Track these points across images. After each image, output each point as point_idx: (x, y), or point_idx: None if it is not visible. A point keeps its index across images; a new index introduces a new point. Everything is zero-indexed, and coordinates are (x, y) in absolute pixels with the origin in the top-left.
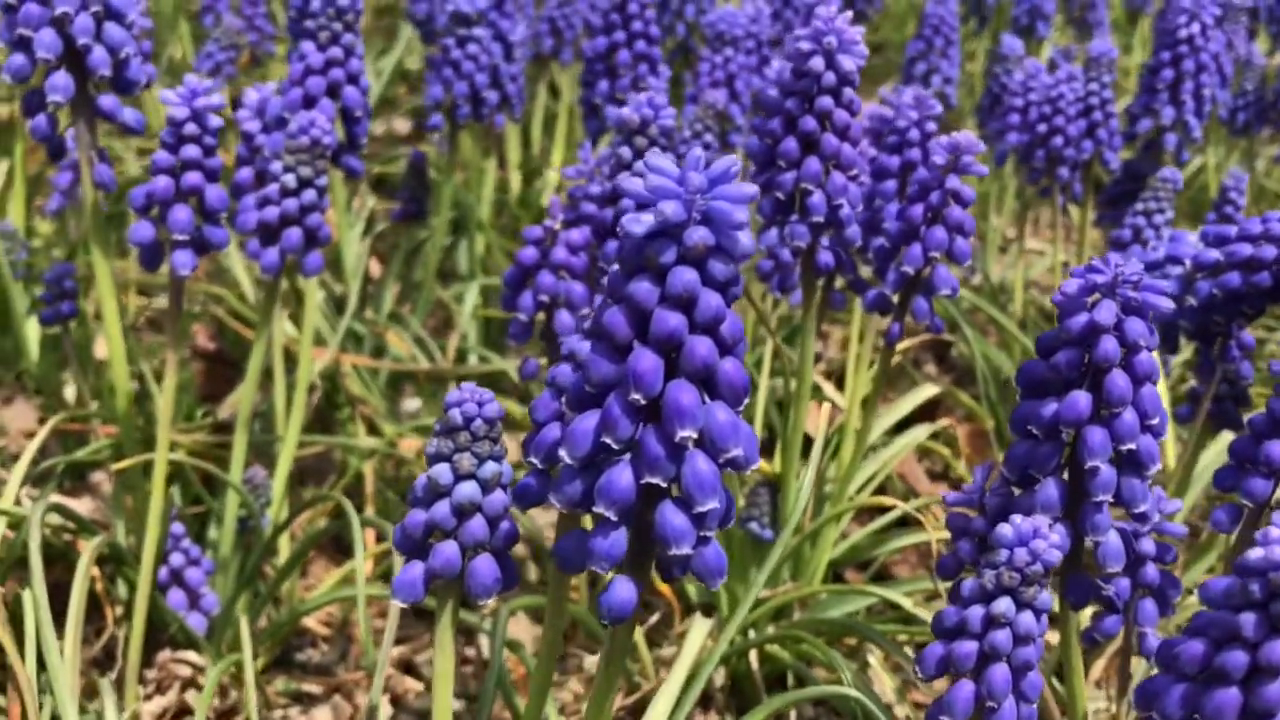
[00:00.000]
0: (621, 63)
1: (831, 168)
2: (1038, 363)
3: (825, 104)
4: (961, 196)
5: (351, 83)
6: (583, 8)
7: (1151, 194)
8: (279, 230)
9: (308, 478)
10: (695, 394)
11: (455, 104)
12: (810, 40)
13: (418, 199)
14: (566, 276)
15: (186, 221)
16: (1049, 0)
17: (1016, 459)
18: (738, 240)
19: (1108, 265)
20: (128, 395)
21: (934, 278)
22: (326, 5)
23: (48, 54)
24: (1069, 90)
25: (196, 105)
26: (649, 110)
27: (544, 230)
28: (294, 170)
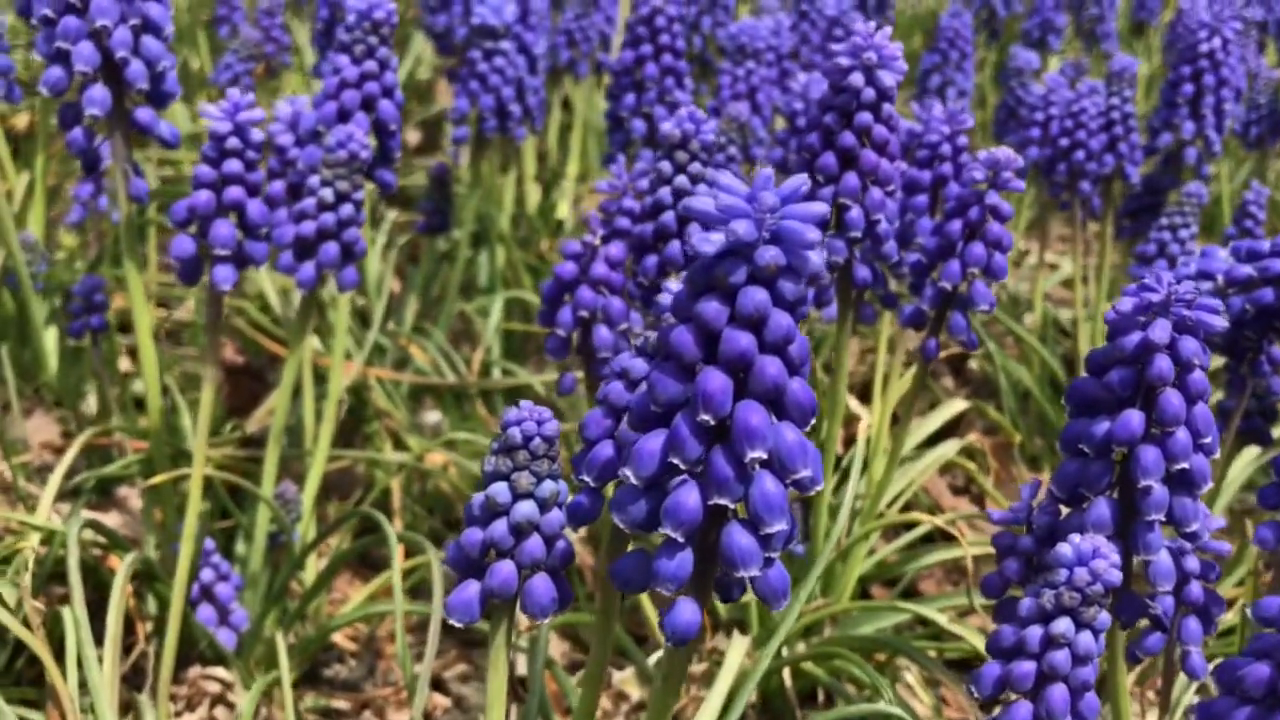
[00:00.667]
0: (648, 76)
1: (869, 183)
2: (1088, 380)
3: (864, 119)
4: (1000, 212)
5: (386, 96)
6: (599, 20)
7: (1176, 209)
8: (316, 245)
9: (332, 491)
10: (765, 414)
11: (481, 117)
12: (849, 56)
13: (441, 211)
14: (605, 292)
15: (228, 236)
16: (1060, 14)
17: (1067, 477)
18: (808, 260)
19: (1160, 283)
20: (159, 410)
21: (972, 293)
22: (361, 19)
23: (86, 67)
24: (1091, 104)
25: (239, 119)
26: (690, 125)
27: (583, 245)
28: (331, 185)
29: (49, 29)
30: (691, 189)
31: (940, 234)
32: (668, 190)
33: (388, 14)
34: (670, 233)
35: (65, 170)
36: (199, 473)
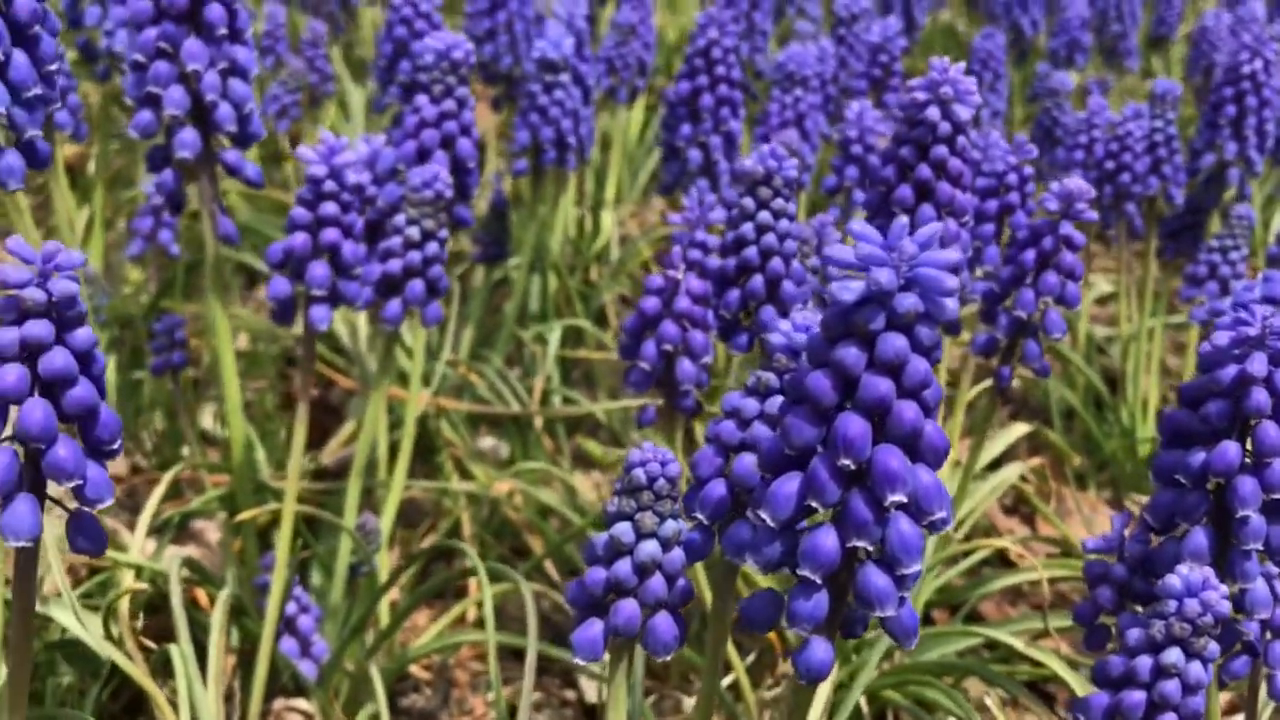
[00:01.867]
0: (704, 107)
1: (945, 214)
2: (1182, 412)
3: (940, 153)
4: (1073, 242)
5: (464, 135)
6: (637, 48)
7: (1226, 231)
8: (403, 282)
9: (400, 519)
10: (903, 458)
11: (540, 149)
12: (925, 90)
13: (499, 241)
14: (688, 325)
15: (324, 277)
16: (1086, 33)
17: (1161, 507)
18: (945, 306)
19: (1254, 316)
20: (243, 445)
21: (1045, 322)
22: (440, 58)
23: (176, 110)
24: (1136, 128)
25: (335, 163)
26: (773, 162)
27: (665, 280)
28: (417, 223)
29: (139, 74)
30: (774, 224)
31: (1014, 263)
32: (751, 226)
33: (466, 54)
34: (753, 267)
35: (121, 200)
36: (290, 509)
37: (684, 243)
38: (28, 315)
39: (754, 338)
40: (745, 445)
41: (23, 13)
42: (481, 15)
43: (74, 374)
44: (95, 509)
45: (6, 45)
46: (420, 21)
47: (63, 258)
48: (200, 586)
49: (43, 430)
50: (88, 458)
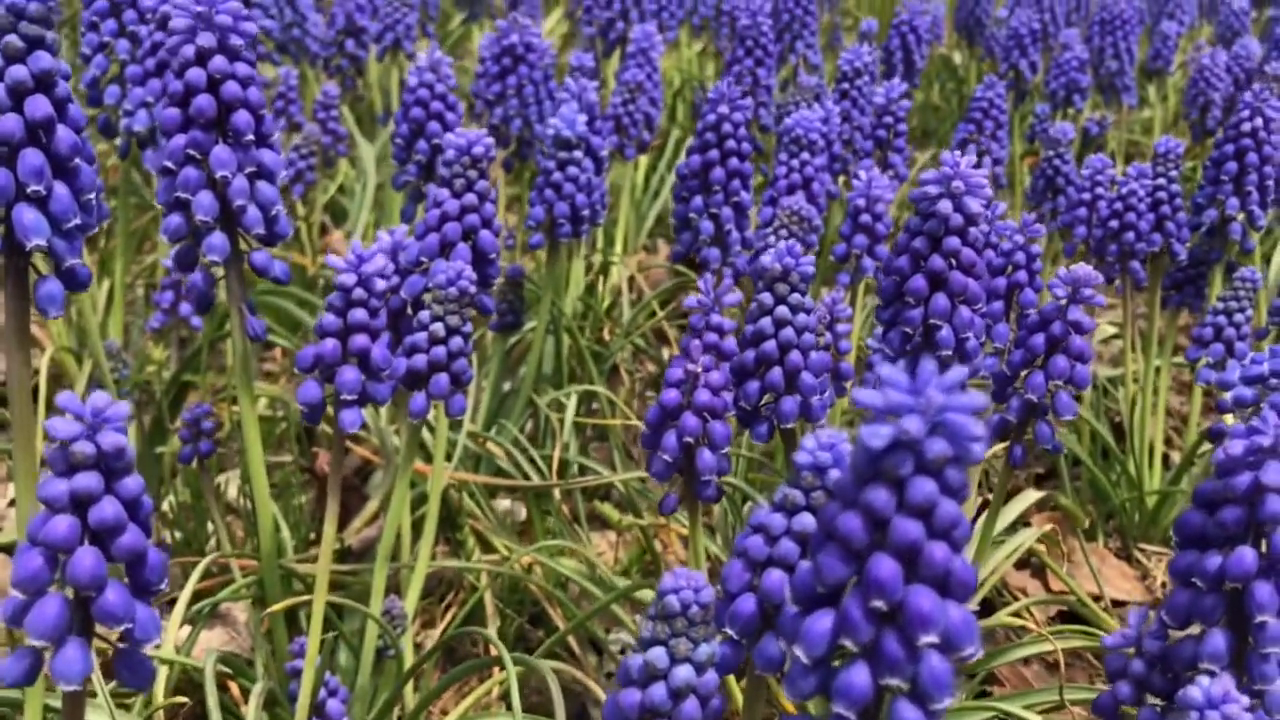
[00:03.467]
0: (715, 180)
1: (958, 303)
2: (1197, 514)
3: (953, 244)
4: (1082, 327)
5: (486, 227)
6: (643, 104)
7: (1231, 293)
8: (428, 377)
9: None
10: (935, 599)
11: (555, 223)
12: (937, 184)
13: (515, 311)
14: (708, 416)
15: (355, 382)
16: (1084, 74)
17: (1179, 608)
18: (973, 450)
19: (1267, 425)
20: (271, 535)
21: (1056, 404)
22: (461, 154)
23: (206, 216)
24: (1140, 187)
25: (363, 271)
26: (790, 259)
27: (685, 372)
28: (442, 319)
29: (168, 179)
30: (792, 319)
31: (1023, 347)
32: (769, 320)
33: (486, 149)
34: (772, 360)
35: (140, 269)
36: (320, 605)
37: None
38: (77, 468)
39: (773, 427)
40: (773, 561)
41: (64, 146)
42: (492, 79)
43: (123, 523)
44: (143, 649)
45: (48, 179)
46: (436, 103)
47: (111, 410)
48: (233, 680)
49: (93, 578)
50: (135, 598)
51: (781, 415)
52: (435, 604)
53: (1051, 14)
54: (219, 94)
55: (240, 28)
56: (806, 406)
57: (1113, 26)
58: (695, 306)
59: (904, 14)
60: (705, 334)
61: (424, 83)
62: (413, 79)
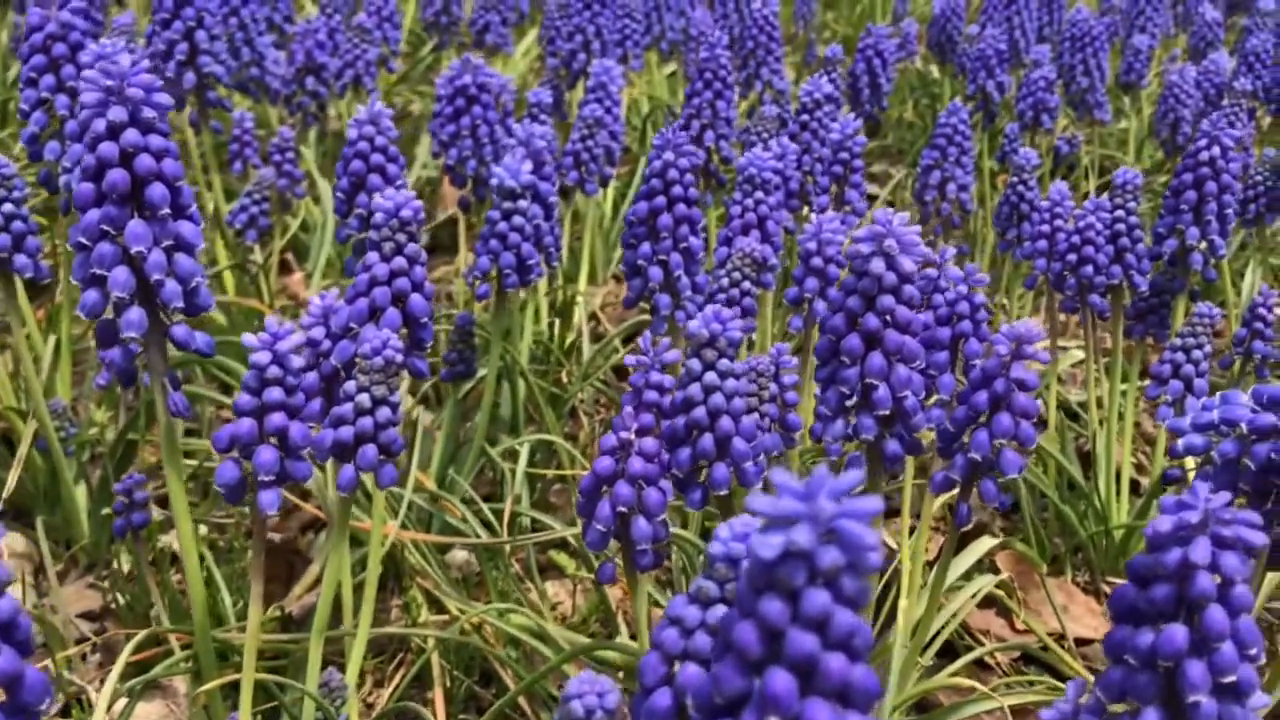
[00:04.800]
0: (662, 226)
1: (895, 361)
2: (1130, 589)
3: (887, 303)
4: (1026, 384)
5: (417, 290)
6: (604, 138)
7: (1189, 329)
8: (355, 449)
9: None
10: (832, 712)
11: (501, 273)
12: (870, 243)
13: (466, 360)
14: (642, 485)
15: (272, 462)
16: (1052, 94)
17: (1112, 685)
18: (868, 559)
19: (1197, 498)
20: (203, 609)
21: (1001, 462)
22: (389, 217)
23: (122, 292)
24: (1098, 220)
25: (278, 349)
26: (717, 325)
27: (619, 441)
28: (368, 390)
29: (84, 255)
30: (721, 384)
31: (966, 404)
32: (698, 387)
33: (415, 212)
34: (702, 426)
35: (89, 324)
36: (248, 681)
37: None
38: None
39: (707, 494)
40: (689, 654)
41: None
42: (446, 119)
43: None
44: None
45: None
46: (377, 156)
47: None
48: None
49: None
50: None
51: (714, 483)
52: (387, 661)
53: (1022, 30)
54: (132, 168)
55: (153, 100)
56: (740, 473)
57: (1083, 43)
58: (635, 365)
59: (869, 38)
60: (645, 392)
61: (363, 135)
62: (352, 132)
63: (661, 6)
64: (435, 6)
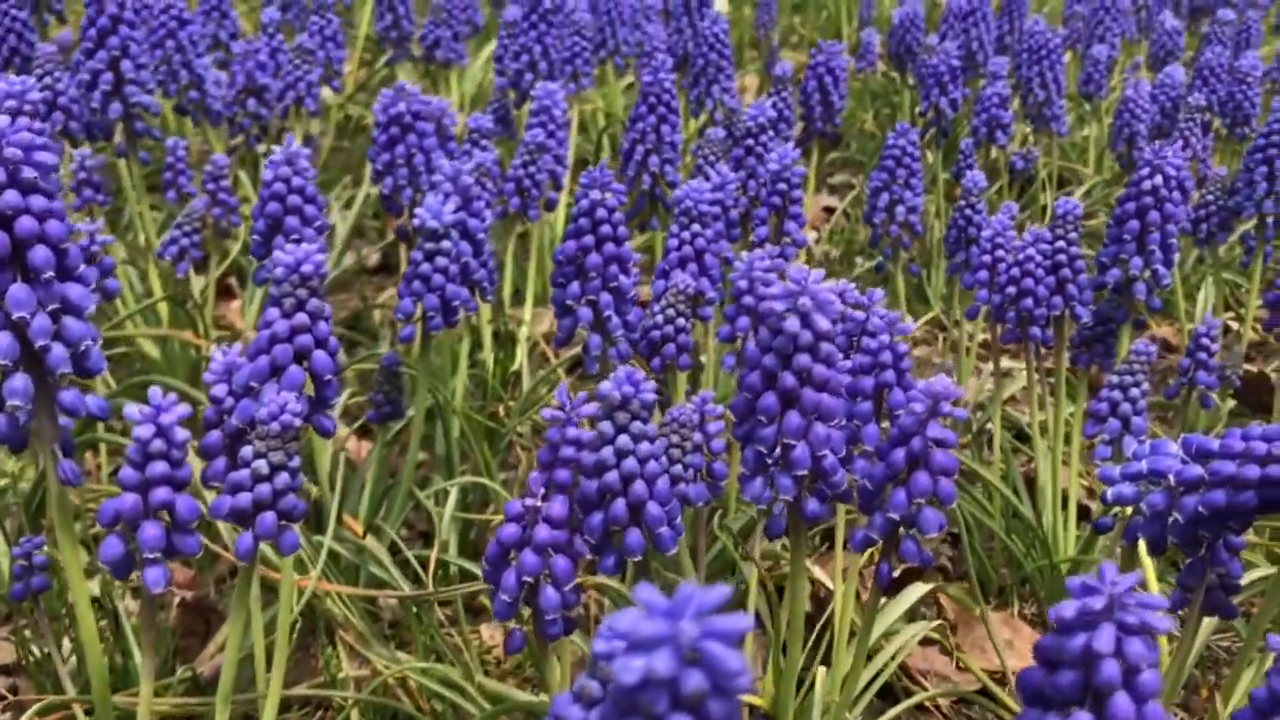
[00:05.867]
0: (591, 266)
1: (813, 420)
2: (1038, 672)
3: (803, 362)
4: (944, 442)
5: (320, 347)
6: (548, 161)
7: (1126, 367)
8: (253, 516)
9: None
10: None
11: (425, 315)
12: (784, 301)
13: (393, 401)
14: (550, 552)
15: (157, 538)
16: (1007, 111)
17: None
18: (735, 683)
19: (1104, 582)
20: (102, 678)
21: (920, 520)
22: (290, 272)
23: (4, 360)
24: (1037, 251)
25: (162, 422)
26: (629, 388)
27: (524, 507)
28: (265, 456)
29: None
30: (634, 448)
31: (884, 462)
32: (610, 451)
33: (316, 267)
34: (615, 491)
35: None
36: None
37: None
38: None
39: (621, 560)
40: None
41: None
42: (381, 148)
43: None
44: None
45: None
46: (294, 197)
47: None
48: None
49: None
50: None
51: (627, 549)
52: (310, 715)
53: (980, 42)
54: (13, 231)
55: (34, 159)
56: (656, 539)
57: (1039, 56)
58: (550, 419)
59: (821, 55)
60: (562, 448)
61: (279, 177)
62: (268, 173)
63: (615, 21)
64: (386, 21)
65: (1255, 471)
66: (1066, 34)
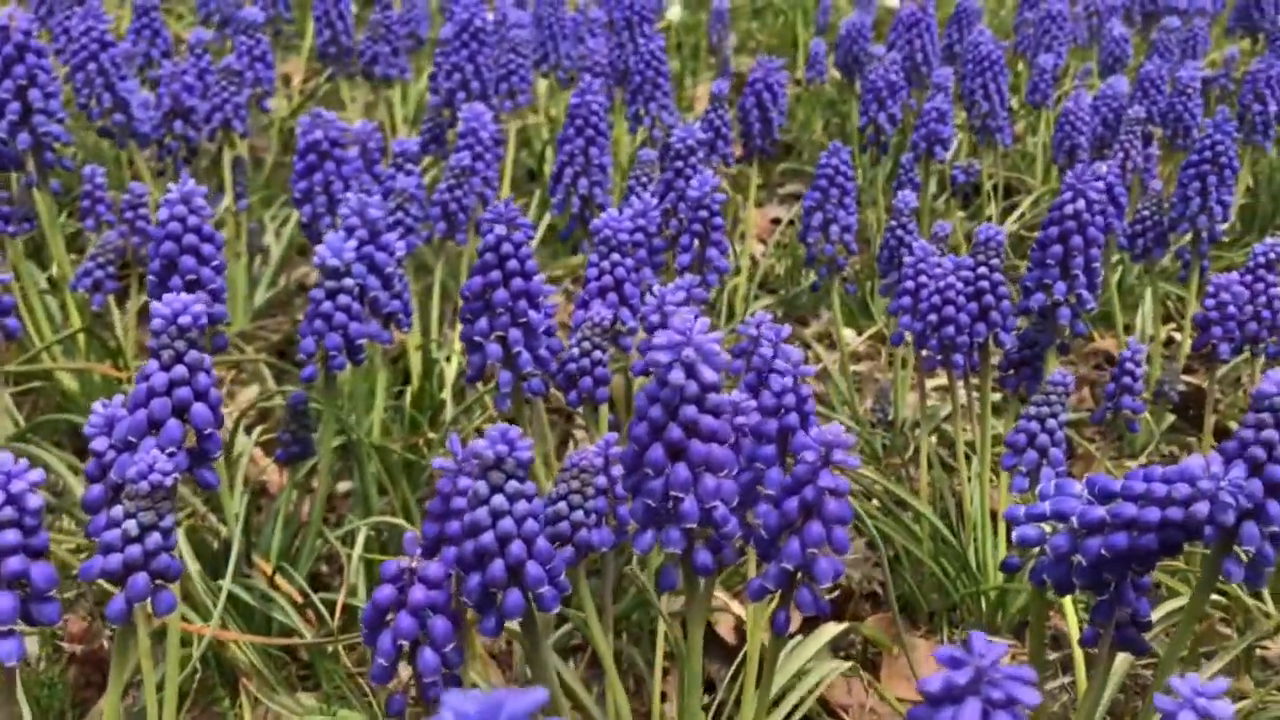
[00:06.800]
0: (498, 302)
1: (701, 472)
2: None
3: (690, 414)
4: (837, 490)
5: (200, 400)
6: (476, 184)
7: (1043, 397)
8: (124, 578)
9: None
10: None
11: (329, 355)
12: (668, 352)
13: (301, 440)
14: (428, 613)
15: (10, 611)
16: (946, 126)
17: None
18: None
19: (971, 654)
20: None
21: (815, 570)
22: (167, 324)
23: None
24: (958, 280)
25: (13, 489)
26: (504, 447)
27: (399, 569)
28: (135, 516)
29: None
30: (510, 508)
31: (778, 510)
32: (485, 511)
33: (194, 318)
34: (491, 552)
35: None
36: None
37: (446, 491)
38: None
39: (501, 621)
40: None
41: None
42: (299, 176)
43: None
44: None
45: None
46: (190, 236)
47: None
48: None
49: None
50: None
51: (506, 612)
52: None
53: (924, 54)
54: None
55: None
56: (537, 599)
57: (982, 67)
58: (440, 469)
59: (758, 71)
60: (454, 498)
61: (175, 216)
62: (163, 212)
63: (557, 36)
64: (325, 36)
65: (1156, 514)
66: (1017, 41)
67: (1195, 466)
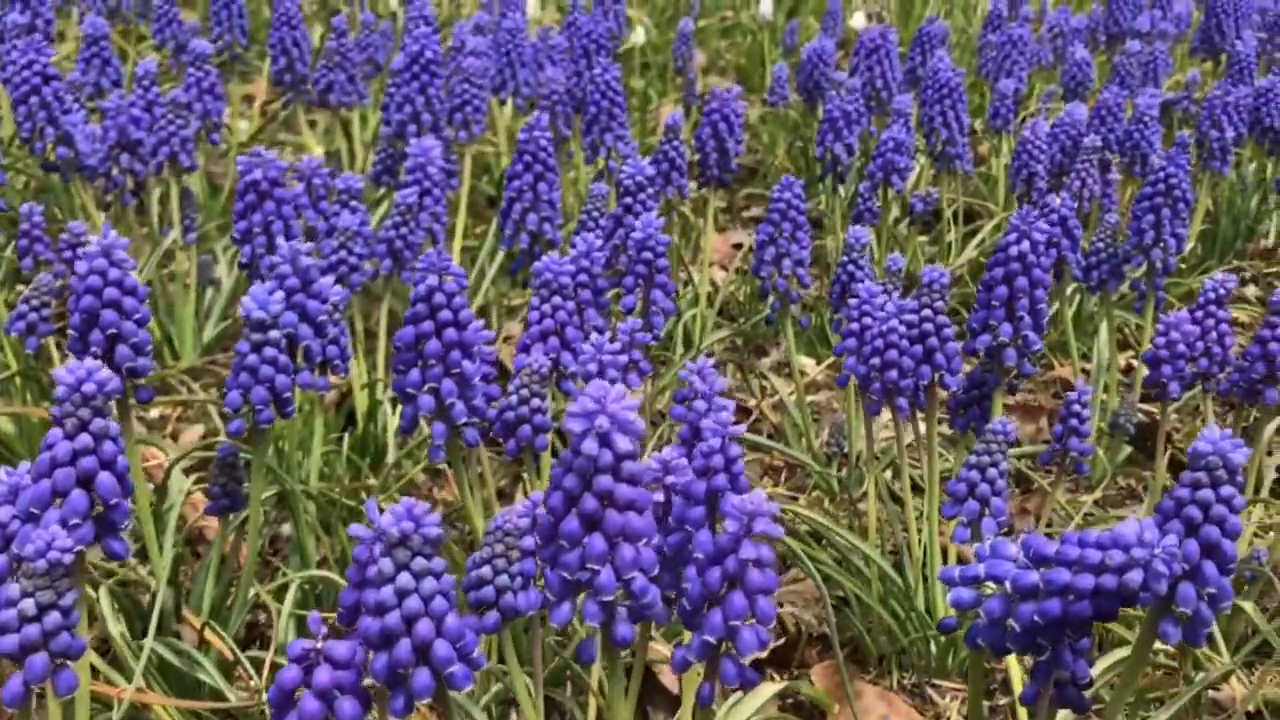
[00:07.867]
0: (430, 353)
1: (619, 542)
2: None
3: (605, 484)
4: (761, 561)
5: (106, 469)
6: (424, 219)
7: (984, 446)
8: (21, 659)
9: None
10: None
11: (255, 408)
12: (582, 420)
13: (230, 494)
14: (336, 694)
15: None
16: (902, 156)
17: None
18: None
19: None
20: None
21: (738, 643)
22: (71, 391)
23: None
24: (900, 325)
25: None
26: (409, 523)
27: (304, 650)
28: (32, 595)
29: None
30: (416, 587)
31: (700, 582)
32: (390, 590)
33: (99, 385)
34: (398, 633)
35: None
36: None
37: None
38: None
39: (410, 701)
40: None
41: None
42: (238, 216)
43: None
44: None
45: None
46: (111, 290)
47: None
48: None
49: None
50: None
51: (414, 692)
52: None
53: (885, 81)
54: None
55: None
56: (448, 678)
57: (941, 94)
58: (357, 535)
59: (714, 101)
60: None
61: (95, 269)
62: (82, 265)
63: (515, 63)
64: (280, 64)
65: (1090, 581)
66: (981, 63)
67: (1130, 533)
